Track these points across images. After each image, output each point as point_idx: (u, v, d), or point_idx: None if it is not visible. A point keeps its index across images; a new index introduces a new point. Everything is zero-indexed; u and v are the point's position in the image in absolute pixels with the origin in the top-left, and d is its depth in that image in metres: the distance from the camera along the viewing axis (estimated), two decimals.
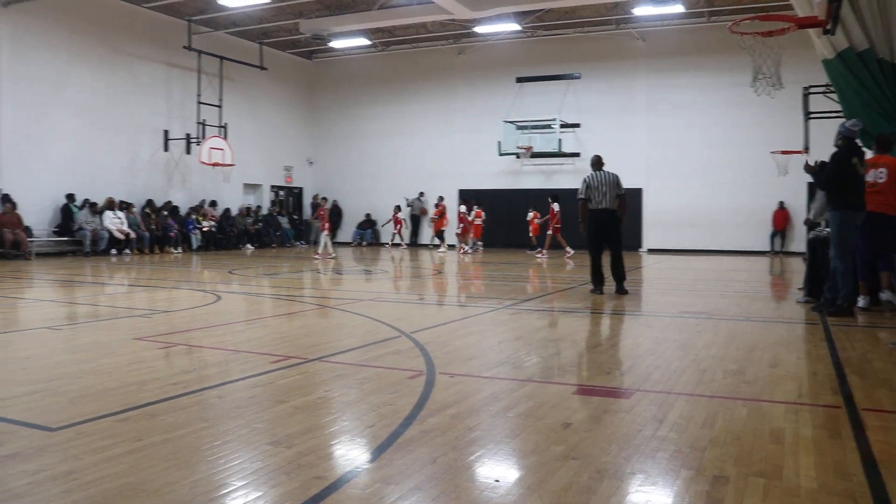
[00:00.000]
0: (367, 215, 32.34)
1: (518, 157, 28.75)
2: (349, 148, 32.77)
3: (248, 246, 28.39)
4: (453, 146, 30.83)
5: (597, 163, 12.00)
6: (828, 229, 10.17)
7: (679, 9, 23.71)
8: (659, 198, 27.79)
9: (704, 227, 27.13)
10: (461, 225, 26.77)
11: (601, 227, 11.75)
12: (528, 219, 25.84)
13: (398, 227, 29.28)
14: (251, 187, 31.06)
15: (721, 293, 12.67)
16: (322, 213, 22.90)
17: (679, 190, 27.53)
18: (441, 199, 29.24)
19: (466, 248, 26.44)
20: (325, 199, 24.89)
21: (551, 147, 28.03)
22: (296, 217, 32.68)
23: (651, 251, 27.51)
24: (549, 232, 23.87)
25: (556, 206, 23.88)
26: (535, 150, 28.13)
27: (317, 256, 21.90)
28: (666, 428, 4.49)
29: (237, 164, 27.93)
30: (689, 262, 21.64)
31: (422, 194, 30.95)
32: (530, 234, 25.63)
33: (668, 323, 9.08)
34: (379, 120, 32.05)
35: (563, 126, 28.07)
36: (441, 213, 28.47)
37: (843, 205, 9.43)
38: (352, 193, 32.32)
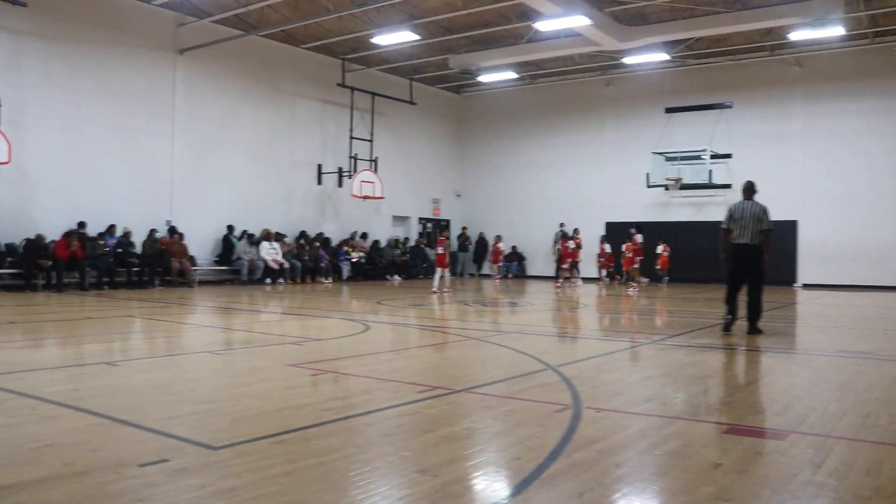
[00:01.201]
0: (514, 248, 32.38)
1: (667, 188, 28.15)
2: (497, 180, 33.05)
3: (396, 277, 28.93)
4: (602, 178, 30.61)
5: (747, 189, 11.19)
6: None
7: (839, 31, 22.67)
8: (816, 230, 26.55)
9: (867, 260, 25.67)
10: (627, 256, 26.55)
11: (740, 262, 11.04)
12: (622, 251, 26.17)
13: (568, 260, 26.64)
14: (400, 219, 31.77)
15: (885, 332, 11.94)
16: (442, 242, 21.52)
17: (838, 221, 26.22)
18: (575, 231, 28.76)
19: (629, 282, 26.52)
20: (445, 231, 23.23)
21: (701, 178, 27.29)
22: None
23: (807, 286, 26.24)
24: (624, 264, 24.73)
25: (639, 238, 23.46)
26: (685, 181, 27.46)
27: (434, 291, 20.98)
28: (824, 473, 4.28)
29: (387, 196, 28.57)
30: (850, 299, 20.55)
31: (562, 225, 30.52)
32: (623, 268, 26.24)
33: (826, 362, 8.66)
34: (527, 152, 32.23)
35: (713, 157, 27.33)
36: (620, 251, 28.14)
37: None
38: (498, 226, 32.38)
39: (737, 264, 10.98)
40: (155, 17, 22.80)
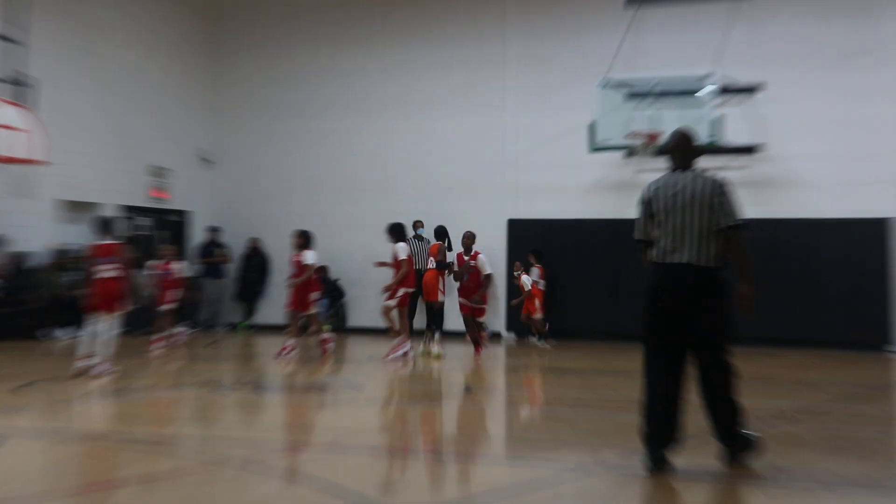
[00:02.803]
0: (321, 269, 16.93)
1: (630, 153, 14.39)
2: (284, 134, 17.49)
3: (59, 332, 13.70)
4: (499, 136, 16.11)
5: (680, 148, 5.26)
6: None
7: None
8: None
9: None
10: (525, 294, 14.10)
11: (672, 304, 5.02)
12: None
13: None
14: (78, 209, 15.33)
15: None
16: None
17: None
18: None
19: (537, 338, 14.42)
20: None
21: (702, 135, 13.33)
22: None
23: None
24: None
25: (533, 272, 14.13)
26: (665, 139, 13.35)
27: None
28: None
29: (53, 160, 13.10)
30: None
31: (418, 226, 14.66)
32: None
33: None
34: (343, 85, 17.16)
35: (724, 90, 13.78)
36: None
37: None
38: (282, 225, 16.28)
39: (664, 311, 5.04)
40: None
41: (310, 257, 11.86)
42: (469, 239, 12.45)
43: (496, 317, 15.26)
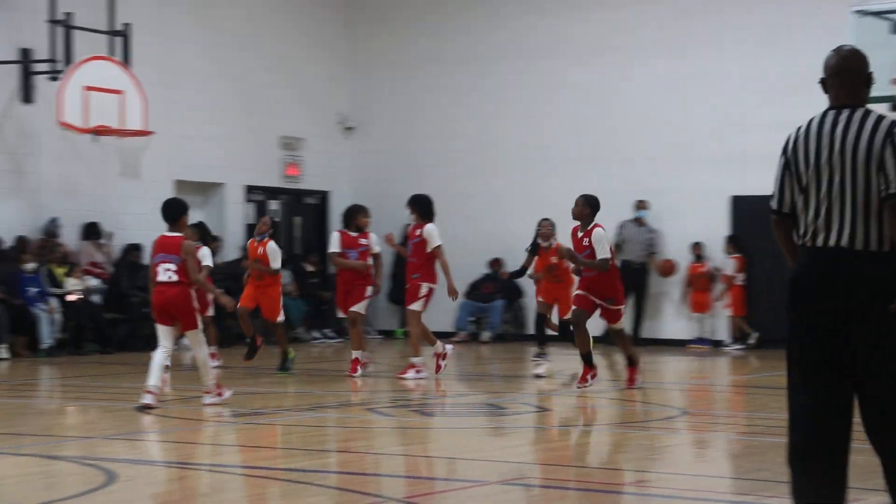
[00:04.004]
0: (496, 262, 14.84)
1: None
2: (431, 98, 15.38)
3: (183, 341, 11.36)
4: (716, 89, 13.70)
5: (838, 75, 3.77)
6: None
7: None
8: None
9: None
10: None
11: (831, 321, 3.55)
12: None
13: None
14: (197, 189, 13.54)
15: None
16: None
17: None
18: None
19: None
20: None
21: None
22: (310, 267, 14.84)
23: None
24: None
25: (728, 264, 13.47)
26: None
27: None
28: None
29: (158, 130, 12.08)
30: None
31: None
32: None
33: None
34: (501, 34, 15.02)
35: None
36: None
37: None
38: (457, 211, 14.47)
39: (807, 320, 3.66)
40: None
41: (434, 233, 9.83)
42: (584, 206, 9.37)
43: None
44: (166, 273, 7.19)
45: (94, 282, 11.79)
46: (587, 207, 8.97)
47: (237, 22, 14.34)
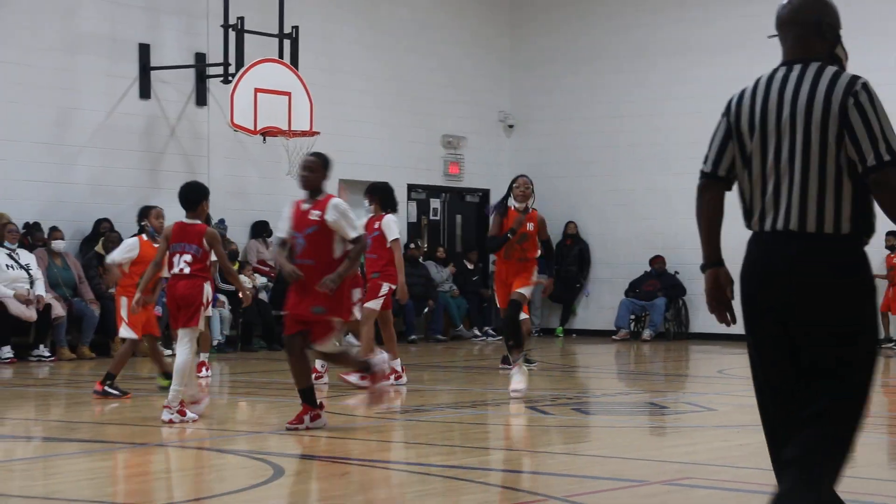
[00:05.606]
0: (657, 259, 14.71)
1: None
2: (594, 94, 15.30)
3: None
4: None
5: (787, 24, 3.09)
6: None
7: None
8: None
9: None
10: None
11: (764, 297, 2.94)
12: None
13: None
14: (361, 188, 13.87)
15: None
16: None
17: None
18: None
19: None
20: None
21: None
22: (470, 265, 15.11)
23: None
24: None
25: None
26: None
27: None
28: None
29: (324, 131, 12.30)
30: None
31: None
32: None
33: None
34: (670, 27, 14.81)
35: None
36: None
37: None
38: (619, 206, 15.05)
39: (758, 315, 3.01)
40: None
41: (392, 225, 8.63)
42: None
43: None
44: (181, 263, 6.52)
45: (262, 280, 12.09)
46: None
47: (400, 23, 14.45)
